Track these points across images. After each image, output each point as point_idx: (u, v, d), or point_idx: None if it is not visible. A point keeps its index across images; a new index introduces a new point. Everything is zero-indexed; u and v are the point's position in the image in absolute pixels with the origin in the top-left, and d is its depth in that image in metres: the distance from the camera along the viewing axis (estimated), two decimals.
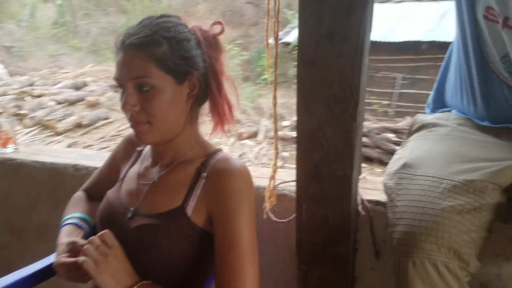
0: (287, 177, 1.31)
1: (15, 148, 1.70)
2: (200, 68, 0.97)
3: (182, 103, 0.96)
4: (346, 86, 0.98)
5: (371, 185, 1.30)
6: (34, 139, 4.19)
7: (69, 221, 1.10)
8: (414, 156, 1.05)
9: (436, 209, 0.90)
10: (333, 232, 1.09)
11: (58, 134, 4.49)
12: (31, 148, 1.75)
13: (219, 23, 1.02)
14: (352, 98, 0.99)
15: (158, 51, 0.91)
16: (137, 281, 0.89)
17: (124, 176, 1.09)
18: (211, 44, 1.00)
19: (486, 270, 1.06)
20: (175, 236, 0.92)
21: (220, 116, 1.03)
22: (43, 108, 4.99)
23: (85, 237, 1.06)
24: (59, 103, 5.15)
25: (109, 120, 7.62)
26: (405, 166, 1.03)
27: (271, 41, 1.12)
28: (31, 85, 6.18)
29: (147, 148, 1.08)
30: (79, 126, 4.50)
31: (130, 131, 0.99)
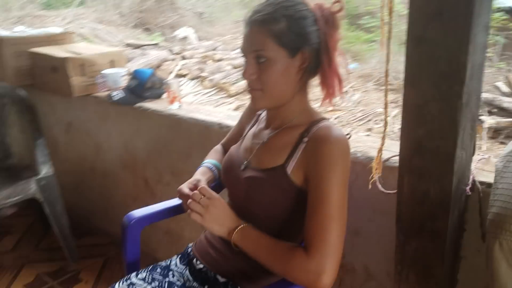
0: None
1: (179, 105, 2.04)
2: (314, 43, 1.07)
3: (292, 74, 1.07)
4: (454, 63, 0.97)
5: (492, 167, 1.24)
6: (210, 100, 4.72)
7: (205, 164, 1.36)
8: None
9: None
10: (433, 208, 1.10)
11: (230, 96, 4.96)
12: (190, 106, 2.07)
13: (339, 1, 1.09)
14: (459, 76, 0.97)
15: (276, 28, 1.04)
16: (239, 224, 1.06)
17: (245, 135, 1.27)
18: (328, 21, 1.08)
19: None
20: (275, 189, 1.07)
21: (329, 89, 1.12)
22: (221, 71, 5.53)
23: (214, 178, 1.33)
24: (235, 67, 5.64)
25: None
26: None
27: None
28: (214, 49, 6.83)
29: (264, 113, 1.23)
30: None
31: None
